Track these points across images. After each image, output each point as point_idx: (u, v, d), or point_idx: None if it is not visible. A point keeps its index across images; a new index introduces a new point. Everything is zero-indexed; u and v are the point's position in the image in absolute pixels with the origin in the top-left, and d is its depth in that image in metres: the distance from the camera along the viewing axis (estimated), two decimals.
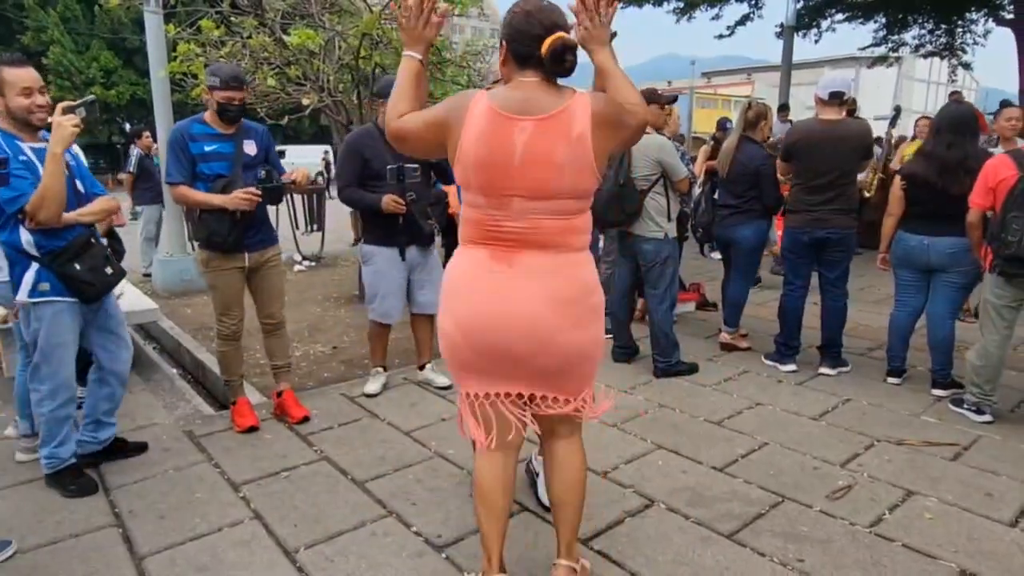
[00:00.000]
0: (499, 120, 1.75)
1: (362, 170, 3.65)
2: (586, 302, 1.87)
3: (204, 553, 2.37)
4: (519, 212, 1.79)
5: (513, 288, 1.81)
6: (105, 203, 2.86)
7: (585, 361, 1.93)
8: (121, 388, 3.04)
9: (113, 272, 2.84)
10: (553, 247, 1.82)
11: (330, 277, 7.83)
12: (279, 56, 5.92)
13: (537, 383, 1.92)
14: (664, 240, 4.08)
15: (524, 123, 1.74)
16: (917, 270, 3.85)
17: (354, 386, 4.06)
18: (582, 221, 1.87)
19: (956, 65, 14.21)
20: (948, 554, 2.34)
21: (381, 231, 3.76)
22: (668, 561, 2.32)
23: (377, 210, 3.61)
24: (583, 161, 1.75)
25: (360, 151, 3.65)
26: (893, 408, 3.67)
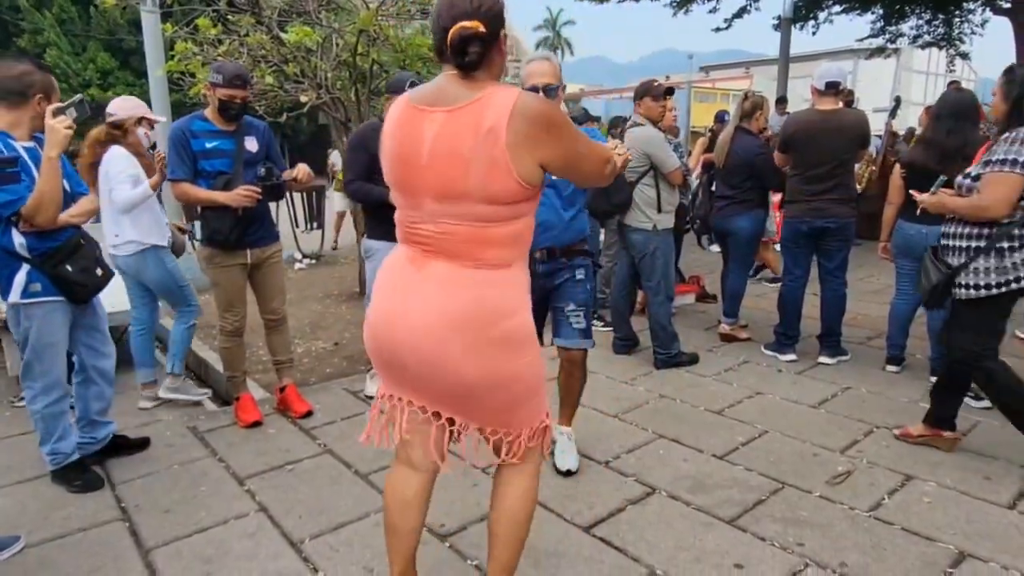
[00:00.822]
0: (411, 112, 1.66)
1: (370, 164, 3.65)
2: (489, 328, 1.63)
3: (210, 545, 2.40)
4: (430, 214, 1.64)
5: (414, 296, 1.66)
6: (88, 204, 2.87)
7: (494, 392, 1.69)
8: (110, 387, 3.05)
9: (103, 273, 2.86)
10: (464, 259, 1.63)
11: (330, 275, 7.85)
12: (276, 54, 5.93)
13: (441, 403, 1.73)
14: (652, 231, 4.09)
15: (435, 114, 1.61)
16: (916, 259, 3.85)
17: (356, 381, 4.08)
18: (502, 233, 1.62)
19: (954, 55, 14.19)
20: (947, 536, 2.37)
21: (386, 226, 3.73)
22: (669, 546, 2.34)
23: (384, 202, 3.58)
24: (494, 158, 1.53)
25: (366, 146, 3.63)
26: (892, 396, 3.70)
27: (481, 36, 1.56)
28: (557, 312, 2.82)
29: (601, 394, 3.74)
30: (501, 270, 1.65)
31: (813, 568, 2.21)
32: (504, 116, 1.53)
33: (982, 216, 2.77)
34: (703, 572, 2.20)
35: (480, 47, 1.57)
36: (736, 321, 4.80)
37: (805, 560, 2.25)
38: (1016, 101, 2.79)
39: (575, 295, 2.80)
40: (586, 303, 2.83)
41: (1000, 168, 2.70)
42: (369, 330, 1.78)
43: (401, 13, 6.05)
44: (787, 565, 2.23)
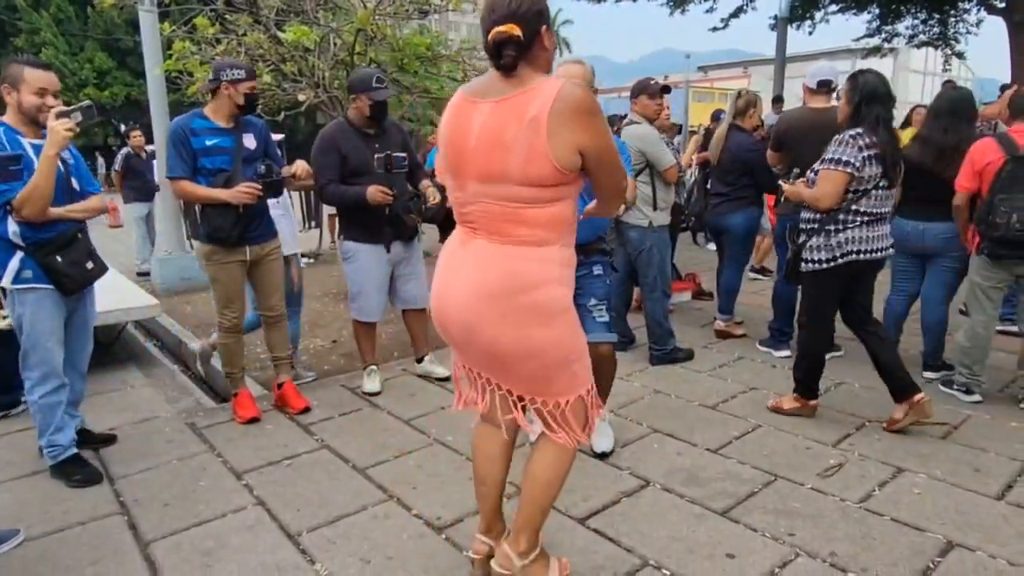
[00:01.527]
0: (464, 104, 1.83)
1: (341, 165, 3.63)
2: (518, 298, 1.76)
3: (209, 538, 2.43)
4: (473, 195, 1.80)
5: (459, 271, 1.85)
6: (95, 202, 2.94)
7: (527, 361, 1.81)
8: (81, 381, 3.07)
9: (95, 267, 2.91)
10: (500, 236, 1.78)
11: (328, 274, 7.87)
12: (274, 53, 5.95)
13: (487, 369, 1.93)
14: (648, 228, 4.12)
15: (483, 105, 1.77)
16: (912, 255, 3.89)
17: (354, 378, 4.10)
18: (535, 214, 1.75)
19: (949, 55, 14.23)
20: (936, 526, 2.40)
21: (363, 227, 3.72)
22: (662, 537, 2.37)
23: (362, 203, 3.57)
24: (535, 144, 1.67)
25: (337, 146, 3.63)
26: (884, 390, 3.67)
27: (516, 40, 1.70)
28: (579, 309, 2.65)
29: None
30: (536, 247, 1.78)
31: (803, 558, 2.24)
32: (547, 105, 1.67)
33: (816, 206, 3.19)
34: (695, 562, 2.23)
35: (515, 50, 1.72)
36: (731, 318, 4.84)
37: (796, 550, 2.28)
38: (857, 106, 3.13)
39: (596, 289, 2.81)
40: (607, 297, 2.85)
41: (829, 166, 3.09)
42: (432, 307, 1.97)
43: (399, 13, 6.08)
44: (778, 555, 2.26)
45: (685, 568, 2.20)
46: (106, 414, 3.63)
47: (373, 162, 3.60)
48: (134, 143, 8.26)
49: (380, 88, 3.61)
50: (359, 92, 3.61)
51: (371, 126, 3.70)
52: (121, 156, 8.24)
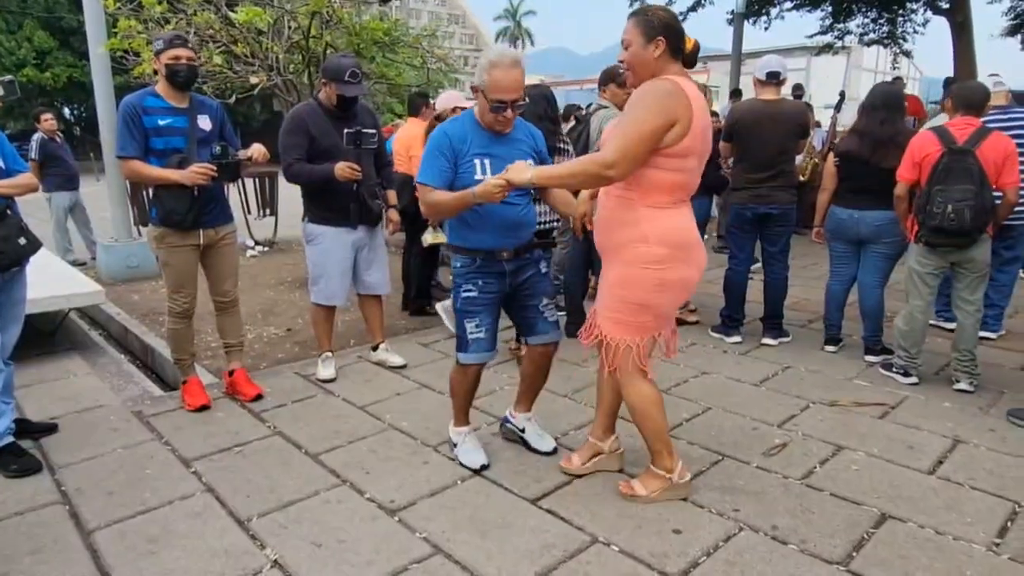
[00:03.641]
0: (703, 99, 2.24)
1: (309, 146, 3.58)
2: None
3: (154, 525, 2.38)
4: (696, 171, 2.28)
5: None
6: (26, 179, 2.84)
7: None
8: (6, 366, 2.91)
9: (27, 243, 2.80)
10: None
11: (283, 262, 7.74)
12: (225, 34, 5.81)
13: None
14: None
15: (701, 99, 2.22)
16: (848, 242, 4.05)
17: (308, 366, 4.05)
18: None
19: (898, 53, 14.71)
20: (871, 500, 2.51)
21: (327, 209, 3.68)
22: (612, 515, 2.42)
23: (329, 181, 3.52)
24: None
25: (306, 126, 3.58)
26: (829, 373, 3.87)
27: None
28: (530, 310, 2.73)
29: (553, 375, 3.74)
30: None
31: (746, 532, 2.32)
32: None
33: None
34: (643, 537, 2.28)
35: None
36: (686, 305, 4.93)
37: (740, 524, 2.36)
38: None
39: (545, 288, 2.77)
40: (554, 294, 2.83)
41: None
42: (694, 278, 2.38)
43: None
44: (722, 530, 2.33)
45: (633, 543, 2.25)
46: (47, 403, 3.51)
47: (341, 143, 3.56)
48: (46, 127, 7.29)
49: (352, 83, 3.53)
50: (329, 80, 3.55)
51: (340, 112, 3.66)
52: (35, 142, 7.16)
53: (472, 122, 2.56)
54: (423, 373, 3.94)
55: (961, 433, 3.07)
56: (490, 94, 2.41)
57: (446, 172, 2.52)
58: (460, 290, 2.64)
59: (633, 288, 2.32)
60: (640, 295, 2.32)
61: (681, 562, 2.16)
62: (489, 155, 2.51)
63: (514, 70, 2.41)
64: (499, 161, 2.47)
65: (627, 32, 2.29)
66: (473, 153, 2.50)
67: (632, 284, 2.32)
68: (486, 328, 2.64)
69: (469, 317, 2.63)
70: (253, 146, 3.40)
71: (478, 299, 2.61)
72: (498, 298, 2.67)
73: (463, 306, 2.64)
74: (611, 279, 2.39)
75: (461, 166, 2.51)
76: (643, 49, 2.25)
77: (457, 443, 2.87)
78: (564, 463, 2.77)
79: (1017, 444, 2.96)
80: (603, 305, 2.44)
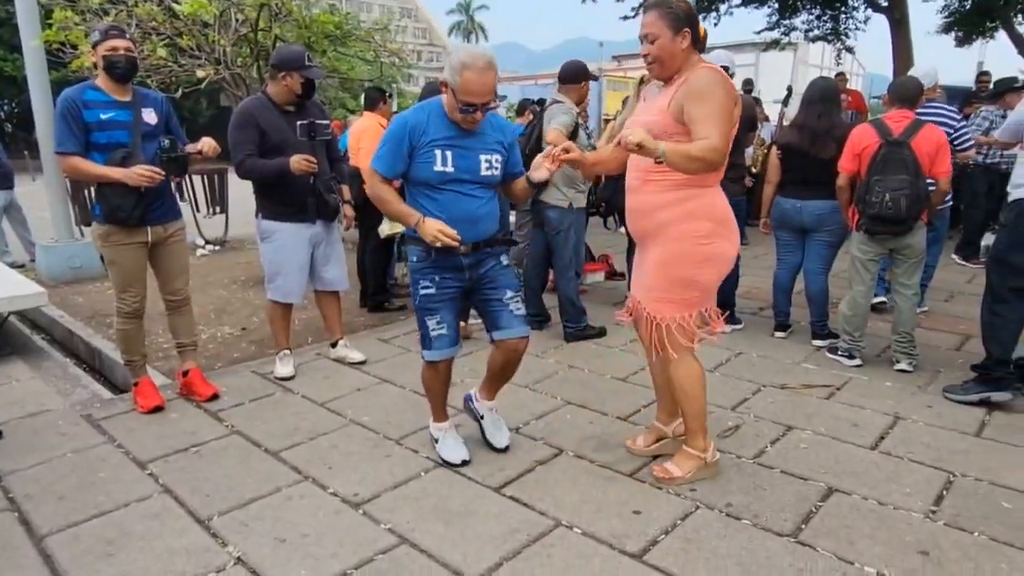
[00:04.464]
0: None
1: (261, 140, 3.52)
2: None
3: (110, 528, 2.33)
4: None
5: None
6: None
7: None
8: None
9: None
10: None
11: (235, 260, 7.59)
12: (169, 26, 5.64)
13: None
14: (568, 209, 4.22)
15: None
16: (793, 231, 4.21)
17: (265, 364, 4.00)
18: None
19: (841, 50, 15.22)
20: (818, 475, 2.63)
21: (283, 204, 3.62)
22: (574, 501, 2.47)
23: (284, 175, 3.46)
24: None
25: (255, 121, 3.51)
26: (779, 358, 4.01)
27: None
28: (494, 303, 2.65)
29: None
30: None
31: (702, 510, 2.40)
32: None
33: None
34: (604, 519, 2.34)
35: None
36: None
37: (696, 503, 2.44)
38: None
39: (509, 281, 2.67)
40: (519, 287, 2.76)
41: None
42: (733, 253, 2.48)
43: None
44: (680, 509, 2.41)
45: (594, 525, 2.31)
46: None
47: (293, 137, 3.52)
48: None
49: (312, 66, 3.54)
50: (291, 69, 3.49)
51: (293, 104, 3.60)
52: None
53: (438, 112, 2.49)
54: (383, 368, 3.93)
55: (901, 410, 3.23)
56: (460, 95, 2.37)
57: (397, 164, 2.50)
58: (418, 287, 2.60)
59: (682, 265, 2.41)
60: (688, 271, 2.41)
61: (641, 541, 2.22)
62: (452, 146, 2.47)
63: (487, 74, 2.35)
64: (462, 152, 2.46)
65: (650, 25, 2.31)
66: (434, 143, 2.46)
67: (680, 261, 2.40)
68: (448, 324, 2.62)
69: (429, 314, 2.61)
70: (202, 140, 3.31)
71: (436, 296, 2.59)
72: (458, 293, 2.64)
73: (422, 303, 2.61)
74: (656, 260, 2.44)
75: (419, 155, 2.46)
76: (671, 42, 2.30)
77: (438, 439, 2.86)
78: (630, 444, 2.86)
79: (951, 419, 3.13)
80: (649, 286, 2.49)
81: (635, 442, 2.85)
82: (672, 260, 2.42)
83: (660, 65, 2.35)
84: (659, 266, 2.44)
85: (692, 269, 2.41)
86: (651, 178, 2.40)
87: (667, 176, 2.35)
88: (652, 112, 2.40)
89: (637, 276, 2.60)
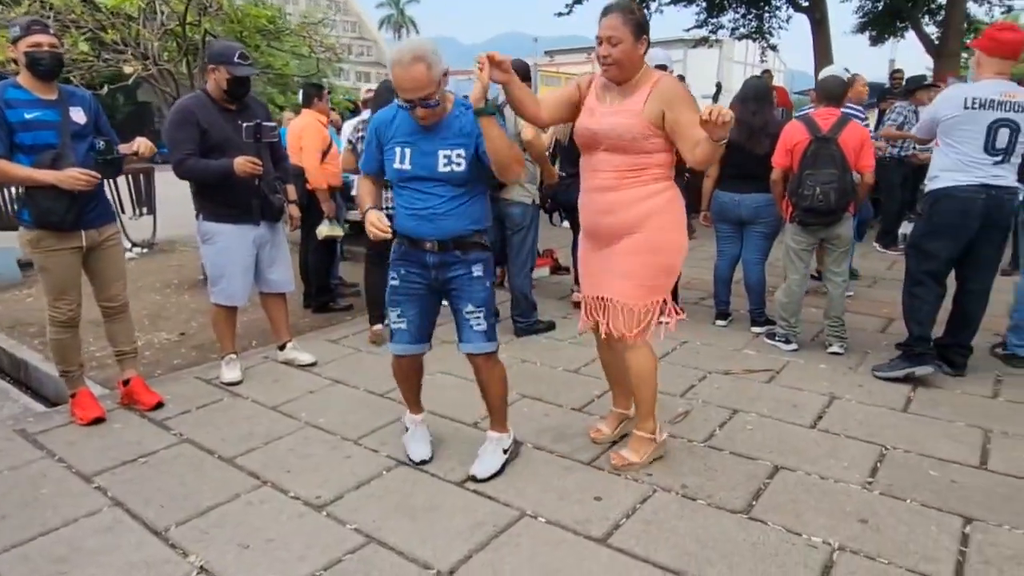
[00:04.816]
0: None
1: (201, 139, 3.41)
2: None
3: (60, 545, 2.23)
4: None
5: None
6: None
7: None
8: None
9: None
10: None
11: (167, 263, 7.31)
12: (91, 19, 5.37)
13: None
14: (531, 205, 4.32)
15: None
16: (731, 223, 4.41)
17: (208, 370, 3.88)
18: None
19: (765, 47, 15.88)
20: (765, 454, 2.78)
21: (226, 205, 3.52)
22: (536, 490, 2.53)
23: (228, 176, 3.37)
24: None
25: (195, 119, 3.40)
26: (721, 346, 4.19)
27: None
28: (457, 314, 2.59)
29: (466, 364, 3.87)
30: None
31: (659, 492, 2.50)
32: None
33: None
34: (567, 507, 2.41)
35: None
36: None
37: (653, 487, 2.54)
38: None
39: (473, 294, 2.54)
40: (486, 303, 2.57)
41: None
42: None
43: None
44: (638, 493, 2.50)
45: (558, 513, 2.38)
46: None
47: (235, 136, 3.44)
48: None
49: (242, 64, 3.42)
50: (218, 64, 3.38)
51: (231, 101, 3.50)
52: None
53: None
54: (334, 369, 3.88)
55: (836, 391, 3.44)
56: (397, 92, 2.37)
57: (371, 161, 2.58)
58: (389, 277, 2.63)
59: (666, 252, 2.56)
60: (672, 258, 2.60)
61: (604, 525, 2.30)
62: (411, 144, 2.45)
63: (413, 68, 2.24)
64: (420, 150, 2.44)
65: (614, 28, 2.38)
66: (395, 141, 2.46)
67: (665, 248, 2.55)
68: (408, 319, 2.61)
69: (392, 306, 2.62)
70: (137, 140, 3.19)
71: (399, 288, 2.59)
72: (423, 290, 2.59)
73: (389, 293, 2.62)
74: (639, 249, 2.53)
75: (385, 153, 2.50)
76: (632, 47, 2.40)
77: (408, 429, 2.88)
78: (594, 434, 2.94)
79: (881, 397, 3.36)
80: (628, 274, 2.55)
81: (599, 431, 2.94)
82: (659, 248, 2.54)
83: (619, 68, 2.43)
84: (644, 254, 2.53)
85: (675, 256, 2.60)
86: (628, 176, 2.48)
87: (645, 172, 2.48)
88: (621, 115, 2.46)
89: (601, 270, 2.64)
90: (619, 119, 2.45)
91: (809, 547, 2.17)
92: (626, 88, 2.48)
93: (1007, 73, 3.43)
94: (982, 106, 3.34)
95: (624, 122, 2.43)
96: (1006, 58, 3.39)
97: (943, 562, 2.09)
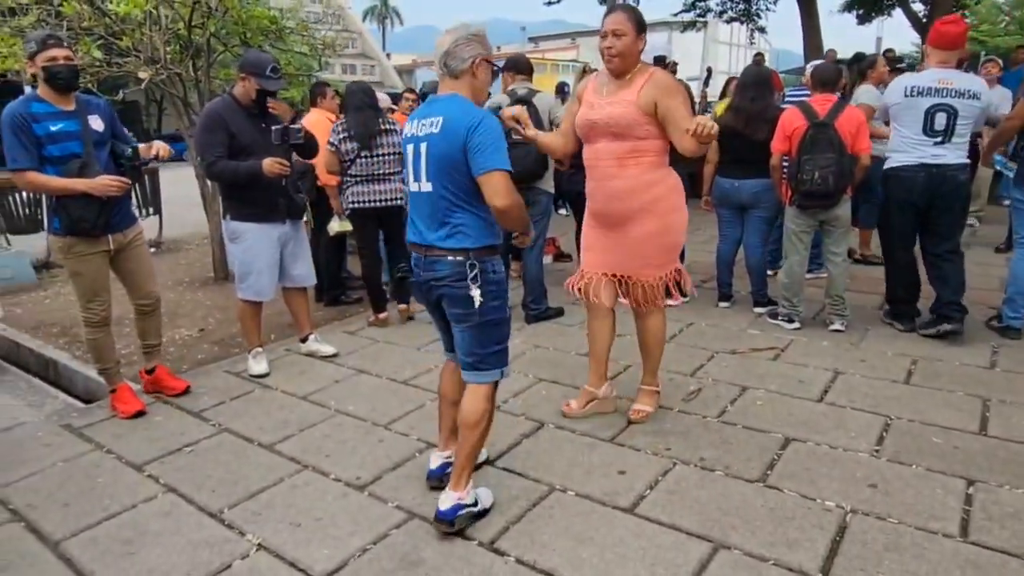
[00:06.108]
0: None
1: (229, 142, 3.54)
2: None
3: (125, 528, 2.38)
4: None
5: None
6: None
7: None
8: None
9: None
10: None
11: (176, 262, 7.41)
12: (102, 26, 5.45)
13: None
14: (551, 193, 4.52)
15: None
16: (732, 208, 4.57)
17: (235, 363, 4.03)
18: None
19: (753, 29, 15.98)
20: (776, 428, 2.95)
21: (253, 205, 3.66)
22: (563, 466, 2.70)
23: (257, 177, 3.51)
24: None
25: (225, 123, 3.53)
26: (726, 326, 4.36)
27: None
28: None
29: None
30: None
31: (680, 465, 2.67)
32: None
33: None
34: (594, 480, 2.58)
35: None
36: None
37: (673, 460, 2.71)
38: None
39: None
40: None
41: None
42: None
43: None
44: (659, 466, 2.67)
45: (586, 487, 2.54)
46: None
47: (261, 139, 3.56)
48: None
49: (273, 78, 3.57)
50: (249, 74, 3.53)
51: (256, 108, 3.63)
52: None
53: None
54: (356, 359, 4.03)
55: (839, 366, 3.61)
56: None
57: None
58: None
59: (675, 231, 2.88)
60: (678, 237, 2.92)
61: (630, 496, 2.47)
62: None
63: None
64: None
65: (620, 23, 2.64)
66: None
67: (673, 228, 2.86)
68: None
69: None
70: (155, 143, 3.34)
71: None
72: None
73: None
74: (650, 232, 2.81)
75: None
76: (634, 41, 2.67)
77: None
78: (565, 408, 3.16)
79: (883, 370, 3.53)
80: (643, 255, 2.86)
81: (570, 407, 3.16)
82: (669, 229, 2.84)
83: (621, 60, 2.68)
84: (655, 236, 2.82)
85: (680, 234, 2.93)
86: (628, 162, 2.72)
87: (643, 157, 2.71)
88: (618, 104, 2.71)
89: (614, 249, 2.91)
90: (616, 108, 2.70)
91: (824, 510, 2.34)
92: (623, 81, 2.73)
93: (950, 62, 3.83)
94: (920, 93, 3.75)
95: (621, 110, 2.69)
96: (948, 48, 3.75)
97: (950, 520, 2.27)
